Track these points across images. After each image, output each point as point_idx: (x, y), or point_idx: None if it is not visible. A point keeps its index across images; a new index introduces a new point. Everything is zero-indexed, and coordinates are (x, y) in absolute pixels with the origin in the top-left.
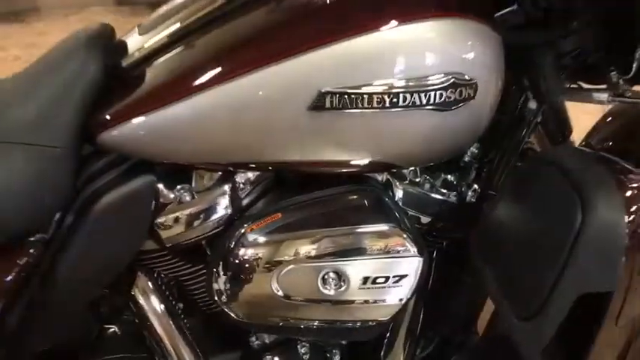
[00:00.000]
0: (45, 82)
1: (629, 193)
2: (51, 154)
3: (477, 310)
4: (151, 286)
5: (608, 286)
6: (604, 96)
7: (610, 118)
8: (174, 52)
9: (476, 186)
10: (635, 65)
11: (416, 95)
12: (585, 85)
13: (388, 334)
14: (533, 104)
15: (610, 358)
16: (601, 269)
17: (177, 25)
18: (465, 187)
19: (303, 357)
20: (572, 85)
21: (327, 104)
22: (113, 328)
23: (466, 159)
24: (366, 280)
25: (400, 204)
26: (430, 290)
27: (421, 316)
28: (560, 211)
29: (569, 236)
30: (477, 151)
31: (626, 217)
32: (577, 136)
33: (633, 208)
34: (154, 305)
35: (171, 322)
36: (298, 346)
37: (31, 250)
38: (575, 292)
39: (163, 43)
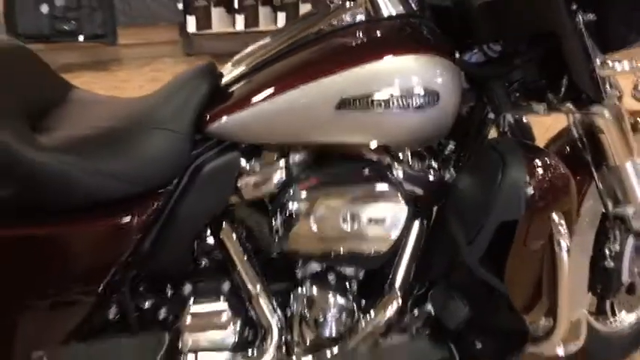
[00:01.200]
0: (176, 94)
1: (532, 164)
2: (178, 138)
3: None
4: (231, 231)
5: (516, 216)
6: (541, 109)
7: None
8: (250, 77)
9: (452, 170)
10: (563, 88)
11: (402, 100)
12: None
13: (390, 277)
14: (492, 116)
15: (527, 272)
16: (511, 206)
17: (254, 62)
18: (445, 171)
19: (331, 283)
20: (523, 103)
21: (347, 105)
22: (204, 261)
23: (446, 152)
24: (370, 220)
25: (398, 179)
26: (423, 246)
27: (414, 265)
28: (491, 175)
29: (494, 188)
30: (453, 147)
31: (528, 177)
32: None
33: (534, 173)
34: (233, 244)
35: (245, 257)
36: (328, 276)
37: (160, 200)
38: (497, 220)
39: (245, 72)
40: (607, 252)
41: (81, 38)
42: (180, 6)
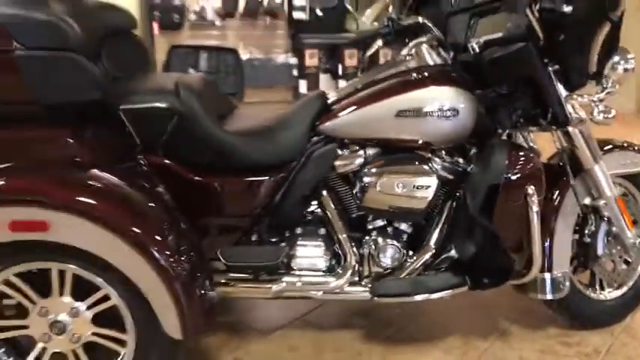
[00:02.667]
0: (301, 108)
1: (511, 154)
2: (301, 134)
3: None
4: (328, 195)
5: (498, 181)
6: (535, 130)
7: None
8: (346, 99)
9: (472, 165)
10: (549, 115)
11: (437, 112)
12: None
13: (427, 236)
14: (500, 131)
15: (512, 224)
16: (495, 176)
17: (348, 90)
18: (468, 165)
19: (390, 234)
20: (524, 125)
21: (402, 114)
22: (309, 214)
23: (470, 153)
24: (414, 186)
25: (435, 169)
26: (451, 219)
27: (444, 231)
28: (486, 159)
29: (486, 165)
30: (476, 150)
31: (507, 162)
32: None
33: (512, 160)
34: (328, 204)
35: (336, 213)
36: (387, 229)
37: (286, 171)
38: (487, 184)
39: (342, 96)
40: (586, 232)
41: None
42: (295, 72)
